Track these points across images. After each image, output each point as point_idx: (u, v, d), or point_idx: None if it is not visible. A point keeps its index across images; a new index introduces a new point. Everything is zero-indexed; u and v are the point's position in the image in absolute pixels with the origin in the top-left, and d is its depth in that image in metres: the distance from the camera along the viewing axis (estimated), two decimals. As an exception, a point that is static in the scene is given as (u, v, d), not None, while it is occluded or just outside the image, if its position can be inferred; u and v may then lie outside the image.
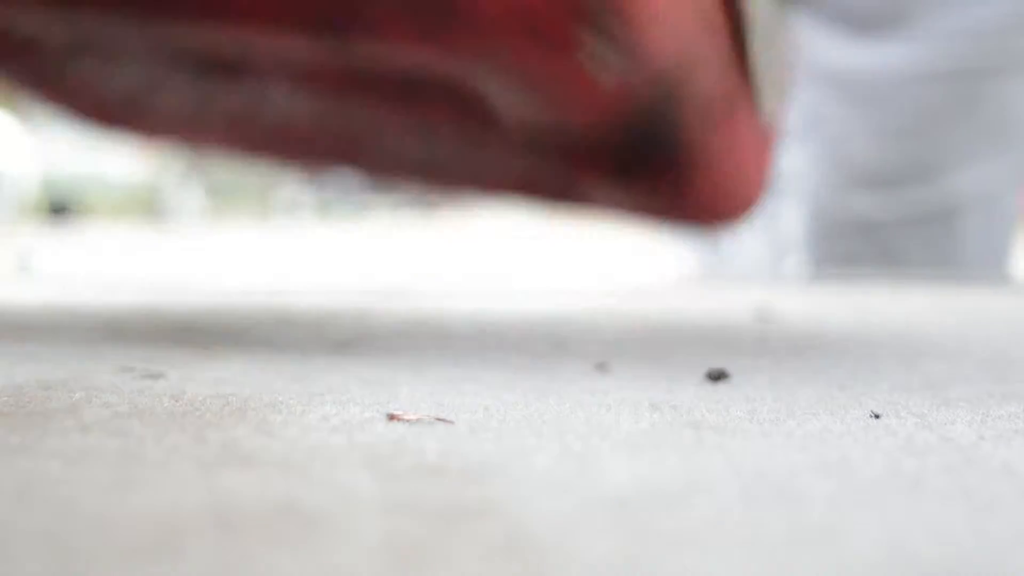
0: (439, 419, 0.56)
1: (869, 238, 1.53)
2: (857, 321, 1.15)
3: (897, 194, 1.47)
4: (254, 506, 0.40)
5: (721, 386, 0.68)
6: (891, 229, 1.51)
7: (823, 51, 1.44)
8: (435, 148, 1.06)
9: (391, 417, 0.56)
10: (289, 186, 13.83)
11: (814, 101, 1.47)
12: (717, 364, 0.75)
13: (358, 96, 1.01)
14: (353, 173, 1.24)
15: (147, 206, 11.83)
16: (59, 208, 11.71)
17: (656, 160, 0.95)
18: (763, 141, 1.07)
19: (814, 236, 1.54)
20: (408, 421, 0.55)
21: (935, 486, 0.44)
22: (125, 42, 1.02)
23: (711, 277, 1.55)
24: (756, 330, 1.03)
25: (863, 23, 1.43)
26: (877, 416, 0.58)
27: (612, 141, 0.94)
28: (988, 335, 1.03)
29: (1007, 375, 0.75)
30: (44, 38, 1.07)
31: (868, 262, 1.53)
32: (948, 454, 0.50)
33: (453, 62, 0.88)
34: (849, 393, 0.66)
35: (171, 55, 1.03)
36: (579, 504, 0.41)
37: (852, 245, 1.54)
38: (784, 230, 1.53)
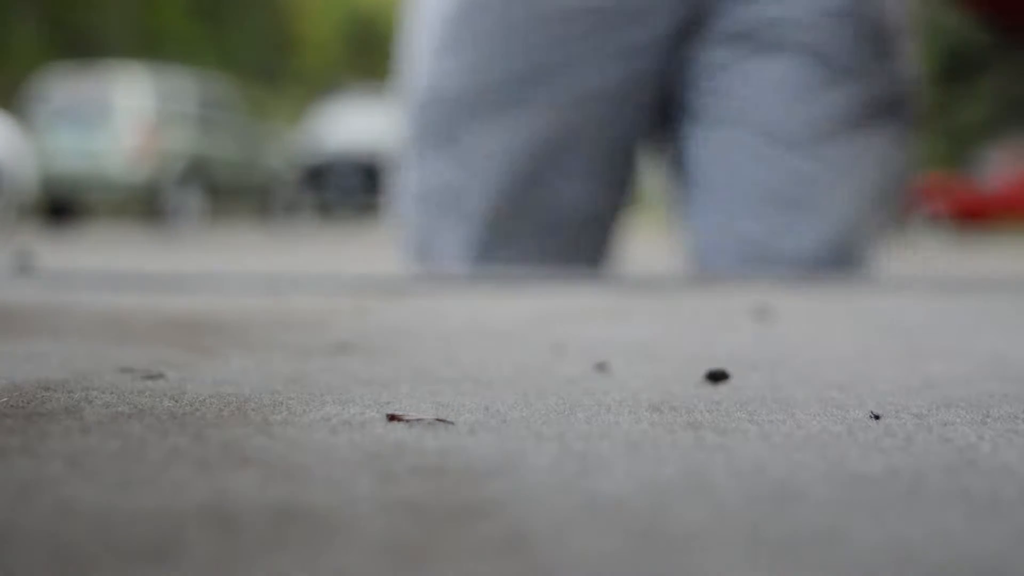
0: (439, 419, 0.56)
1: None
2: (857, 321, 1.15)
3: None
4: (254, 506, 0.40)
5: (721, 386, 0.69)
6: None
7: None
8: None
9: (391, 417, 0.56)
10: (289, 186, 13.83)
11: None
12: (717, 364, 0.75)
13: None
14: None
15: (147, 206, 11.82)
16: (59, 208, 11.71)
17: None
18: None
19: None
20: (408, 421, 0.55)
21: (935, 486, 0.44)
22: None
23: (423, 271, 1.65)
24: (756, 330, 1.03)
25: None
26: (877, 416, 0.58)
27: None
28: (988, 335, 1.03)
29: (1007, 375, 0.75)
30: None
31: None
32: (948, 454, 0.50)
33: None
34: (849, 393, 0.66)
35: None
36: (579, 504, 0.41)
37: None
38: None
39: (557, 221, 1.65)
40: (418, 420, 0.56)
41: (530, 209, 1.63)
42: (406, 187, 1.70)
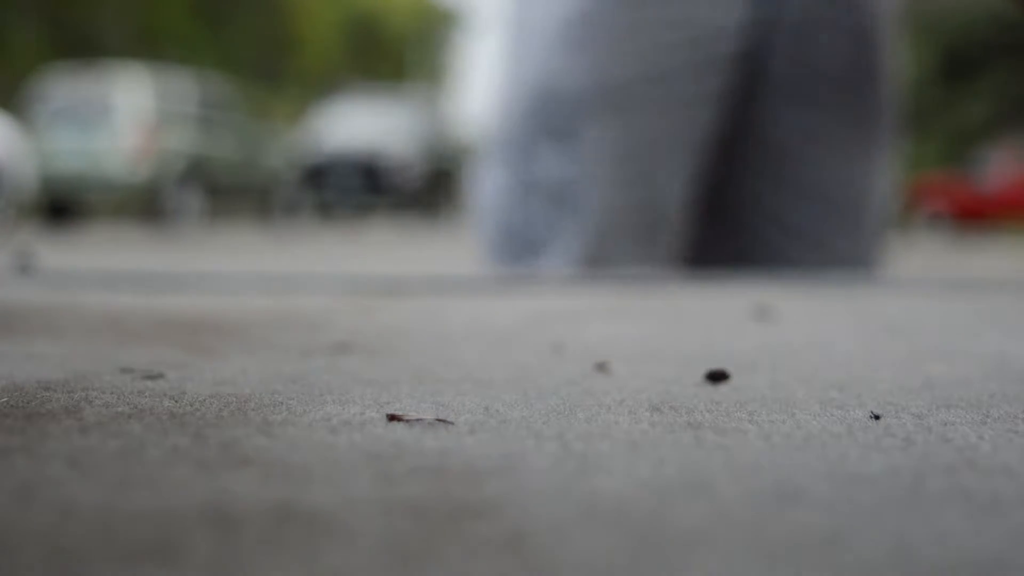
0: (439, 419, 0.56)
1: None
2: (857, 321, 1.15)
3: None
4: (254, 506, 0.40)
5: (721, 386, 0.69)
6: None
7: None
8: None
9: (391, 417, 0.56)
10: (289, 186, 13.83)
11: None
12: (717, 364, 0.75)
13: None
14: None
15: (147, 206, 11.81)
16: (59, 208, 11.71)
17: None
18: None
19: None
20: (408, 421, 0.55)
21: (935, 486, 0.44)
22: None
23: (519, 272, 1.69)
24: (756, 330, 1.03)
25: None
26: (877, 416, 0.58)
27: None
28: (988, 335, 1.03)
29: (1007, 375, 0.75)
30: None
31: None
32: (948, 454, 0.50)
33: None
34: (849, 393, 0.66)
35: None
36: (579, 504, 0.41)
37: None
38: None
39: (657, 218, 1.74)
40: (418, 420, 0.56)
41: (636, 206, 1.72)
42: (502, 181, 1.75)
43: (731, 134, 1.78)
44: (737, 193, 1.79)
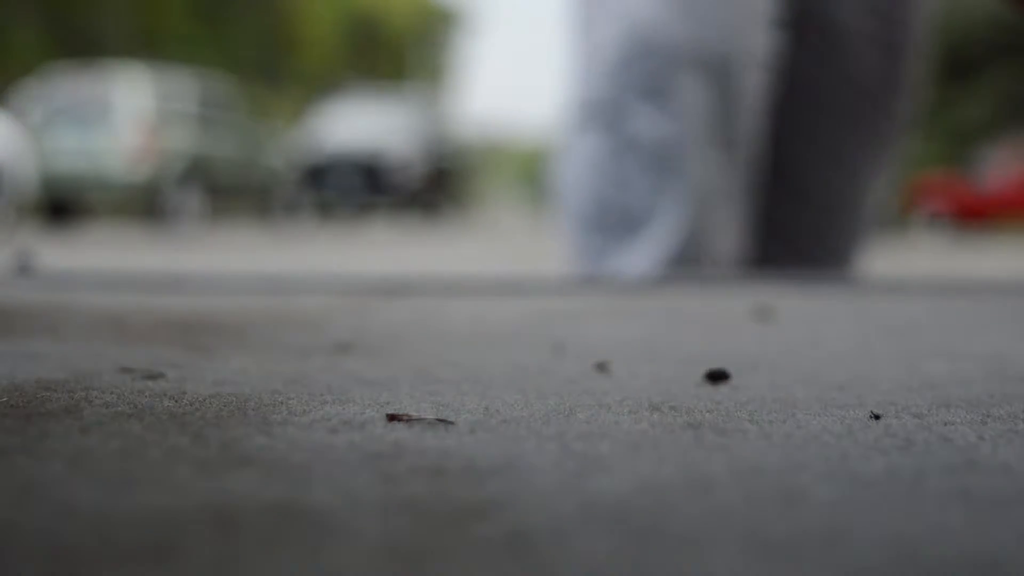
0: (439, 419, 0.56)
1: None
2: (857, 321, 1.15)
3: None
4: (254, 506, 0.40)
5: (721, 386, 0.69)
6: None
7: None
8: None
9: (391, 417, 0.56)
10: (289, 186, 13.82)
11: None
12: (717, 364, 0.75)
13: None
14: None
15: (147, 206, 11.81)
16: (59, 208, 11.71)
17: None
18: None
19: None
20: (408, 421, 0.55)
21: (935, 486, 0.44)
22: None
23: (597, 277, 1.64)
24: (756, 330, 1.03)
25: None
26: (877, 416, 0.58)
27: None
28: (988, 335, 1.03)
29: (1007, 375, 0.75)
30: None
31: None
32: (948, 454, 0.50)
33: None
34: (849, 393, 0.66)
35: None
36: (579, 504, 0.41)
37: None
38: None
39: (743, 186, 1.69)
40: (418, 420, 0.56)
41: (728, 170, 1.67)
42: (592, 147, 1.63)
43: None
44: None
